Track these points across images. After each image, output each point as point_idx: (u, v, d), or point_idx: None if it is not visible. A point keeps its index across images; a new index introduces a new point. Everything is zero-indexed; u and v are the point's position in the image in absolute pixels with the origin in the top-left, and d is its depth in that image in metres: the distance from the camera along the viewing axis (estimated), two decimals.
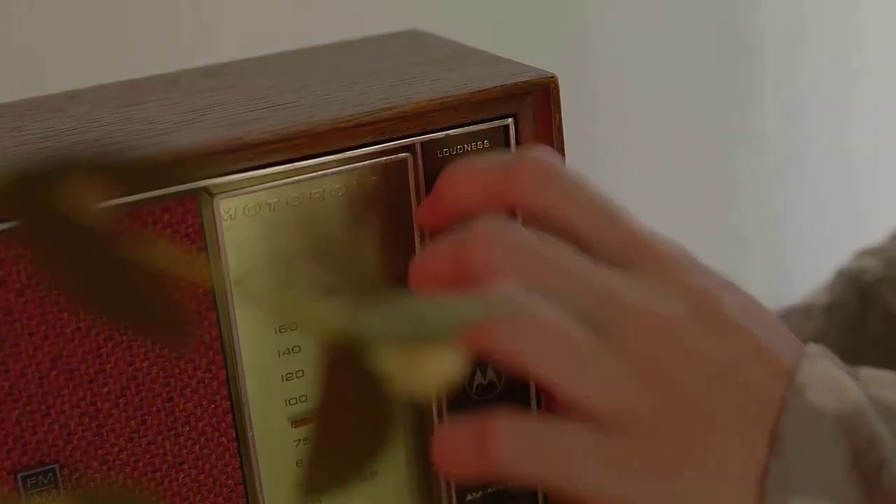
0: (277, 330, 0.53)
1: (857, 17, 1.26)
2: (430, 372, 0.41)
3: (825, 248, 1.17)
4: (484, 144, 0.53)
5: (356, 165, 0.52)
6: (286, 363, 0.53)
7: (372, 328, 0.40)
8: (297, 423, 0.54)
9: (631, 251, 0.47)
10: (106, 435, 0.50)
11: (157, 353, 0.50)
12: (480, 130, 0.53)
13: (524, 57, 0.56)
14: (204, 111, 0.53)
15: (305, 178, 0.51)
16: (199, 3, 0.92)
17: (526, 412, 0.56)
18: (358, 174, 0.53)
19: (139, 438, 0.51)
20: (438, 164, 0.53)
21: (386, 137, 0.52)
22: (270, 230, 0.52)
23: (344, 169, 0.52)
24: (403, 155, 0.52)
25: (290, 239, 0.52)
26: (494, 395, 0.56)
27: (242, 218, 0.51)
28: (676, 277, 0.47)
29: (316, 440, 0.38)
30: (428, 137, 0.52)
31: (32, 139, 0.52)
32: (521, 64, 0.55)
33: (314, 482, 0.39)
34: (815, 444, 0.45)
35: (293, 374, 0.53)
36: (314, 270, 0.53)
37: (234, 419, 0.52)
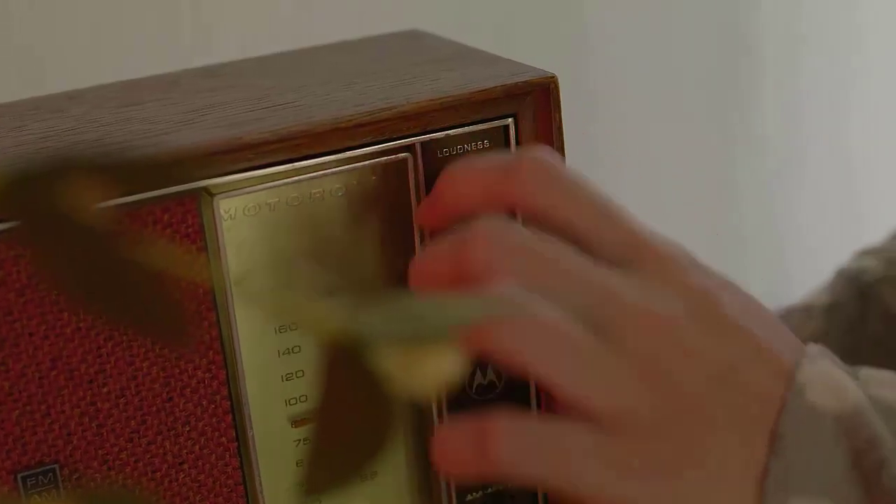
0: (277, 330, 0.53)
1: (856, 17, 1.26)
2: (430, 372, 0.41)
3: (825, 248, 1.17)
4: (484, 144, 0.53)
5: (356, 165, 0.52)
6: (286, 363, 0.53)
7: (372, 328, 0.40)
8: (297, 423, 0.54)
9: (631, 251, 0.47)
10: (106, 435, 0.50)
11: (157, 353, 0.50)
12: (480, 130, 0.53)
13: (524, 57, 0.56)
14: (204, 111, 0.53)
15: (305, 178, 0.51)
16: (199, 3, 0.92)
17: (526, 412, 0.56)
18: (358, 174, 0.53)
19: (139, 438, 0.51)
20: (438, 164, 0.53)
21: (386, 137, 0.52)
22: (270, 230, 0.52)
23: (344, 169, 0.52)
24: (403, 155, 0.52)
25: (290, 239, 0.52)
26: (494, 395, 0.56)
27: (242, 218, 0.51)
28: (676, 277, 0.47)
29: (316, 440, 0.38)
30: (428, 137, 0.52)
31: (32, 139, 0.52)
32: (521, 64, 0.55)
33: (314, 482, 0.39)
34: (814, 444, 0.45)
35: (293, 374, 0.53)
36: (314, 270, 0.53)
37: (234, 419, 0.52)
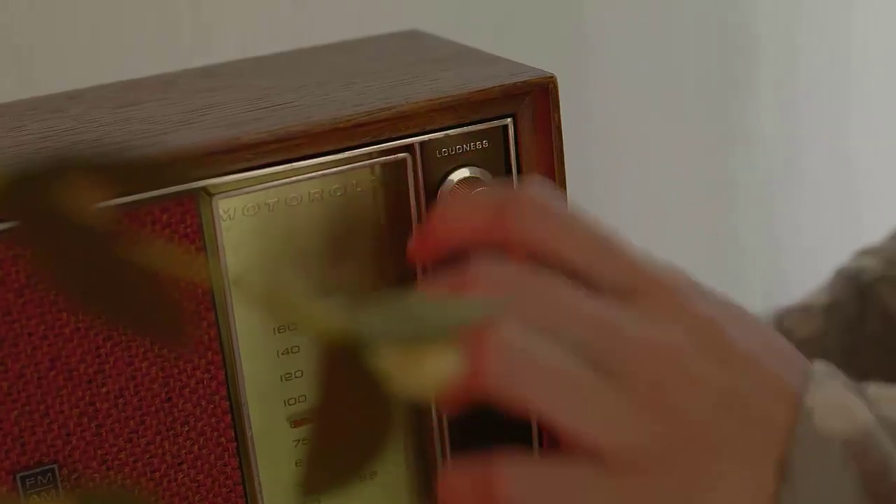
0: (276, 330, 0.53)
1: (855, 17, 1.26)
2: (428, 372, 0.41)
3: (824, 247, 1.17)
4: (483, 144, 0.53)
5: (355, 166, 0.52)
6: (285, 363, 0.53)
7: (371, 328, 0.40)
8: (296, 423, 0.54)
9: (631, 282, 0.47)
10: (105, 435, 0.50)
11: (155, 353, 0.50)
12: (479, 130, 0.53)
13: (523, 57, 0.56)
14: (203, 111, 0.53)
15: (304, 178, 0.51)
16: (198, 3, 0.92)
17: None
18: (357, 174, 0.53)
19: (138, 438, 0.51)
20: (437, 164, 0.53)
21: (385, 137, 0.52)
22: (269, 230, 0.52)
23: (343, 169, 0.52)
24: (402, 155, 0.52)
25: (288, 239, 0.52)
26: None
27: (241, 218, 0.51)
28: (678, 306, 0.46)
29: (315, 440, 0.38)
30: (427, 137, 0.52)
31: (31, 139, 0.52)
32: (519, 64, 0.55)
33: (313, 482, 0.39)
34: (823, 469, 0.45)
35: (292, 374, 0.53)
36: (312, 271, 0.53)
37: (233, 419, 0.52)
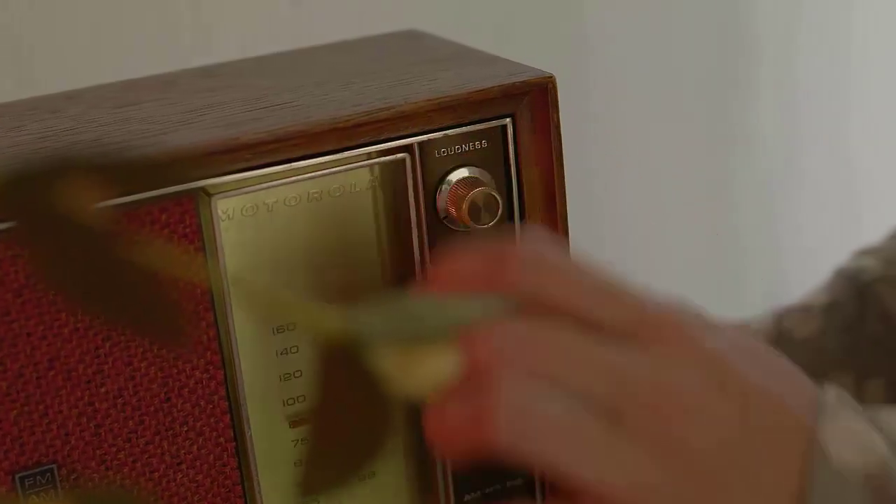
0: (275, 330, 0.53)
1: (855, 17, 1.26)
2: (427, 372, 0.41)
3: (824, 247, 1.17)
4: (482, 144, 0.53)
5: (354, 166, 0.52)
6: (284, 363, 0.53)
7: (370, 329, 0.40)
8: (294, 423, 0.54)
9: (636, 325, 0.46)
10: (104, 435, 0.50)
11: (154, 353, 0.50)
12: (478, 130, 0.53)
13: (523, 57, 0.56)
14: (202, 111, 0.53)
15: (303, 178, 0.51)
16: (198, 3, 0.92)
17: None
18: (356, 174, 0.53)
19: (137, 439, 0.51)
20: (436, 164, 0.53)
21: (384, 137, 0.52)
22: (268, 230, 0.52)
23: (342, 169, 0.52)
24: (401, 155, 0.52)
25: (287, 239, 0.52)
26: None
27: (240, 218, 0.51)
28: (685, 344, 0.46)
29: (314, 440, 0.38)
30: (426, 137, 0.52)
31: (30, 139, 0.52)
32: (518, 64, 0.55)
33: (312, 482, 0.39)
34: (842, 503, 0.45)
35: (291, 374, 0.53)
36: (311, 271, 0.53)
37: (231, 419, 0.52)
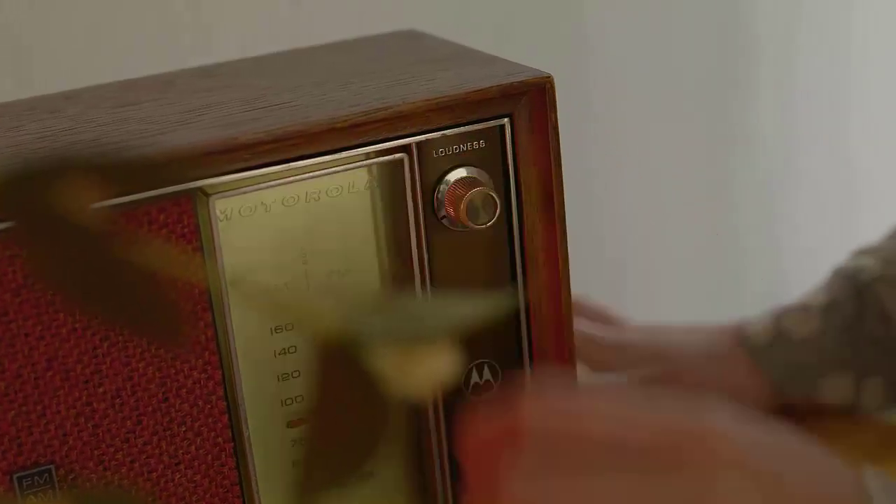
0: (273, 330, 0.53)
1: (855, 17, 1.26)
2: (425, 372, 0.41)
3: (823, 247, 1.17)
4: (480, 144, 0.53)
5: (352, 166, 0.52)
6: (282, 363, 0.53)
7: (368, 328, 0.40)
8: (293, 423, 0.54)
9: (668, 453, 0.44)
10: (102, 435, 0.50)
11: (153, 353, 0.50)
12: (476, 130, 0.53)
13: (523, 57, 0.56)
14: (200, 111, 0.53)
15: (301, 178, 0.51)
16: (198, 3, 0.92)
17: None
18: (354, 175, 0.53)
19: (135, 439, 0.51)
20: (434, 164, 0.53)
21: (382, 137, 0.52)
22: (266, 230, 0.52)
23: (340, 169, 0.52)
24: (399, 155, 0.52)
25: (285, 239, 0.52)
26: (490, 394, 0.56)
27: (238, 218, 0.51)
28: (721, 463, 0.44)
29: (312, 440, 0.38)
30: (424, 138, 0.52)
31: (29, 139, 0.52)
32: (517, 64, 0.55)
33: (311, 482, 0.39)
34: None
35: (289, 374, 0.53)
36: (309, 271, 0.53)
37: (230, 419, 0.52)
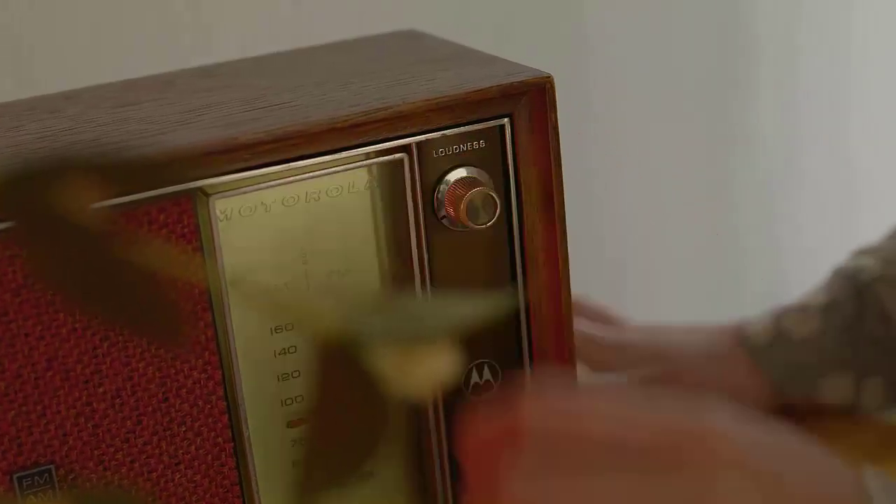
0: (273, 330, 0.53)
1: (855, 17, 1.26)
2: (425, 372, 0.41)
3: (823, 247, 1.17)
4: (480, 144, 0.53)
5: (352, 166, 0.52)
6: (282, 363, 0.53)
7: (368, 328, 0.40)
8: (293, 423, 0.54)
9: (668, 453, 0.44)
10: (102, 435, 0.50)
11: (152, 353, 0.50)
12: (476, 130, 0.53)
13: (523, 57, 0.56)
14: (200, 111, 0.53)
15: (301, 178, 0.51)
16: (198, 3, 0.92)
17: None
18: (354, 175, 0.53)
19: (135, 439, 0.51)
20: (434, 164, 0.53)
21: (382, 137, 0.52)
22: (266, 230, 0.52)
23: (340, 169, 0.52)
24: (399, 155, 0.52)
25: (285, 239, 0.52)
26: (490, 394, 0.56)
27: (238, 218, 0.51)
28: (721, 462, 0.44)
29: (312, 440, 0.38)
30: (424, 137, 0.52)
31: (29, 139, 0.52)
32: (517, 64, 0.55)
33: (311, 482, 0.39)
34: None
35: (289, 374, 0.53)
36: (309, 271, 0.53)
37: (230, 420, 0.52)
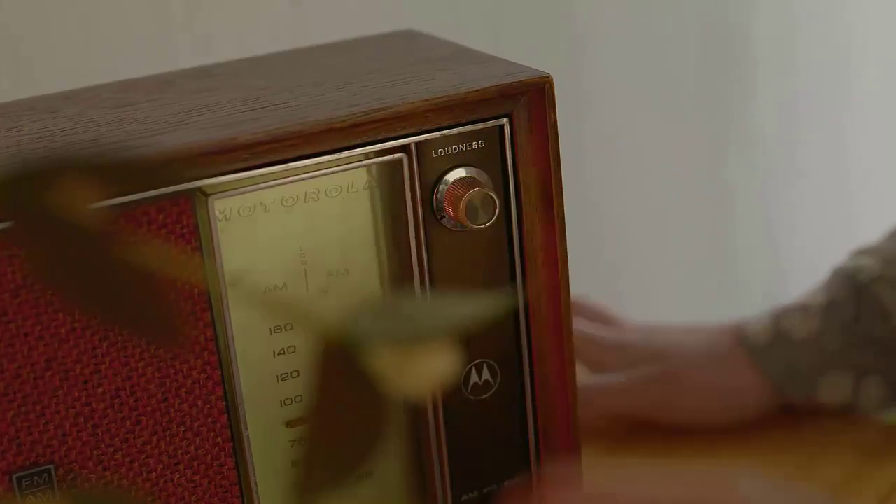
0: (272, 330, 0.53)
1: (855, 17, 1.26)
2: (424, 372, 0.41)
3: (822, 247, 1.17)
4: (479, 144, 0.53)
5: (351, 166, 0.52)
6: (281, 364, 0.53)
7: (367, 328, 0.40)
8: (292, 423, 0.54)
9: None
10: (101, 435, 0.50)
11: (152, 353, 0.50)
12: (475, 130, 0.53)
13: (521, 57, 0.56)
14: (199, 111, 0.53)
15: (300, 178, 0.51)
16: (198, 2, 0.92)
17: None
18: (353, 175, 0.53)
19: (134, 439, 0.51)
20: (433, 164, 0.53)
21: (381, 138, 0.52)
22: (265, 231, 0.52)
23: (339, 169, 0.52)
24: (398, 155, 0.52)
25: (284, 239, 0.52)
26: (489, 394, 0.56)
27: (237, 218, 0.51)
28: None
29: (311, 440, 0.38)
30: (423, 138, 0.52)
31: (28, 139, 0.52)
32: (516, 64, 0.55)
33: (310, 482, 0.39)
34: None
35: (288, 374, 0.53)
36: (308, 271, 0.53)
37: (229, 420, 0.52)
